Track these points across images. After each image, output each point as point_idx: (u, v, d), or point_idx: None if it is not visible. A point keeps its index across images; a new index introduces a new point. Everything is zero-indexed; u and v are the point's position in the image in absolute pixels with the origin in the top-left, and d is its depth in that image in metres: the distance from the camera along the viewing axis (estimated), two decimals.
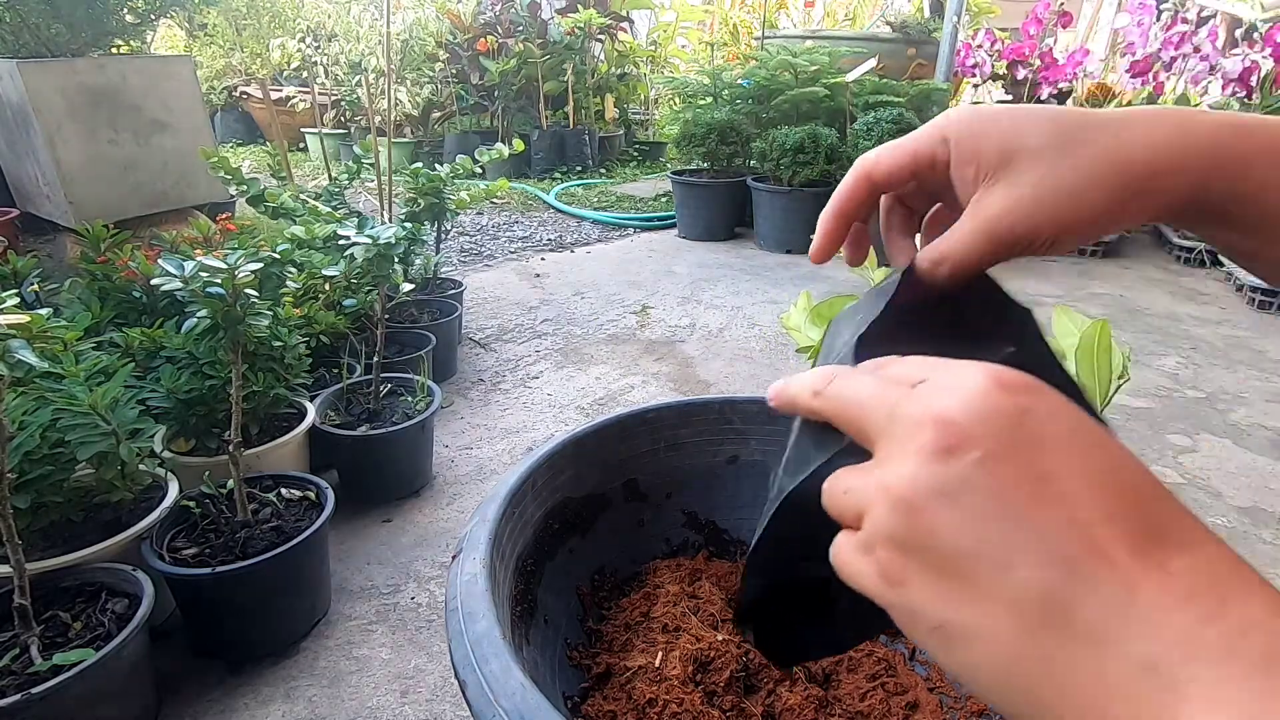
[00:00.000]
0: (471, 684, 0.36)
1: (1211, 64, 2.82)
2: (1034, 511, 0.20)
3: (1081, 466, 0.20)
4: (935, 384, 0.23)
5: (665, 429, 0.68)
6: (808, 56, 3.19)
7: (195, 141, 2.09)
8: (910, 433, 0.22)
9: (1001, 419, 0.21)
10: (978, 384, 0.22)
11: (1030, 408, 0.21)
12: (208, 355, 1.12)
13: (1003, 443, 0.21)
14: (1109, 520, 0.19)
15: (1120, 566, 0.19)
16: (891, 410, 0.23)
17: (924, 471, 0.21)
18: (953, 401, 0.22)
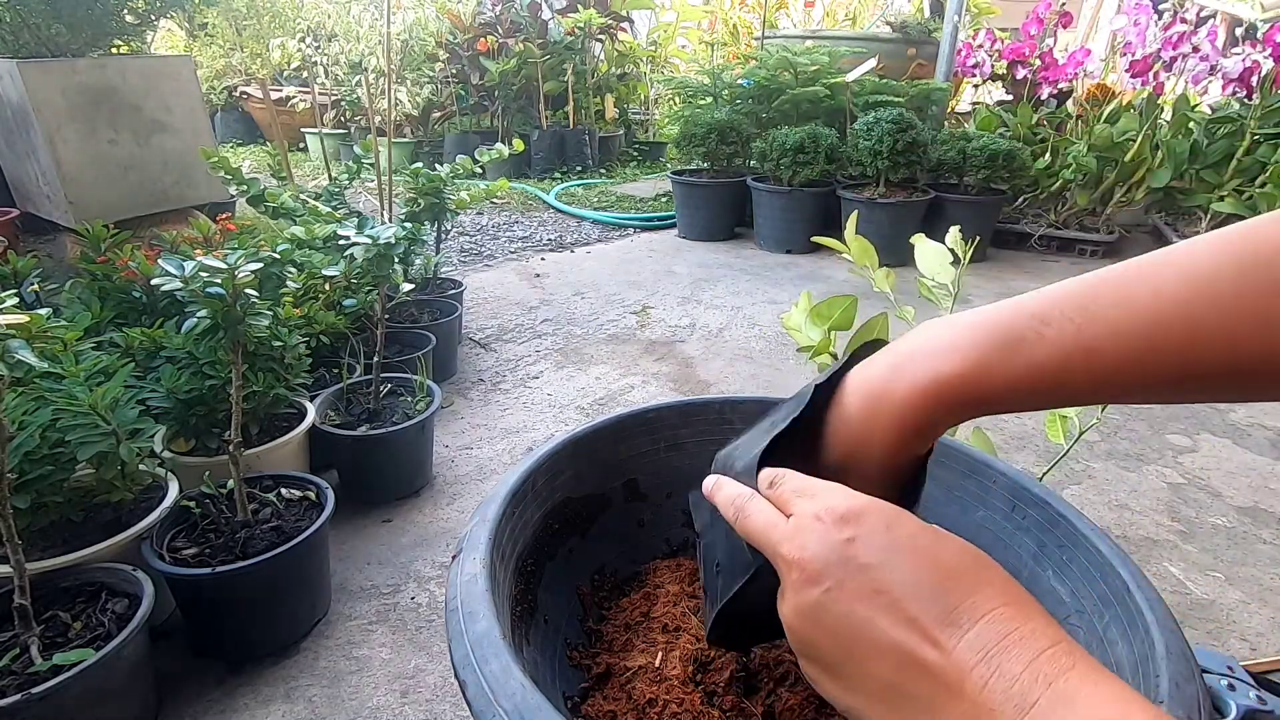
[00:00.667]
0: (471, 684, 0.36)
1: (1211, 64, 2.82)
2: (873, 619, 0.28)
3: (898, 577, 0.28)
4: (796, 523, 0.32)
5: (665, 429, 0.68)
6: (808, 56, 3.19)
7: (195, 141, 2.09)
8: (785, 570, 0.31)
9: (837, 554, 0.29)
10: (819, 527, 0.30)
11: (854, 537, 0.29)
12: (208, 355, 1.12)
13: (840, 573, 0.29)
14: (923, 614, 0.27)
15: (943, 645, 0.26)
16: (774, 551, 0.32)
17: (797, 604, 0.30)
18: (806, 542, 0.30)
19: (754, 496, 0.36)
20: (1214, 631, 1.11)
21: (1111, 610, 0.41)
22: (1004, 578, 0.28)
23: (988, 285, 2.73)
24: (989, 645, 0.25)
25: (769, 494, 0.35)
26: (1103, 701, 0.23)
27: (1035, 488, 0.57)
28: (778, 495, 0.35)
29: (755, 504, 0.35)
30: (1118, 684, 0.24)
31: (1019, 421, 1.73)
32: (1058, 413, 0.80)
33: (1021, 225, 3.21)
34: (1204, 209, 3.05)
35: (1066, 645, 0.25)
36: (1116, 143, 3.02)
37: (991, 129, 3.22)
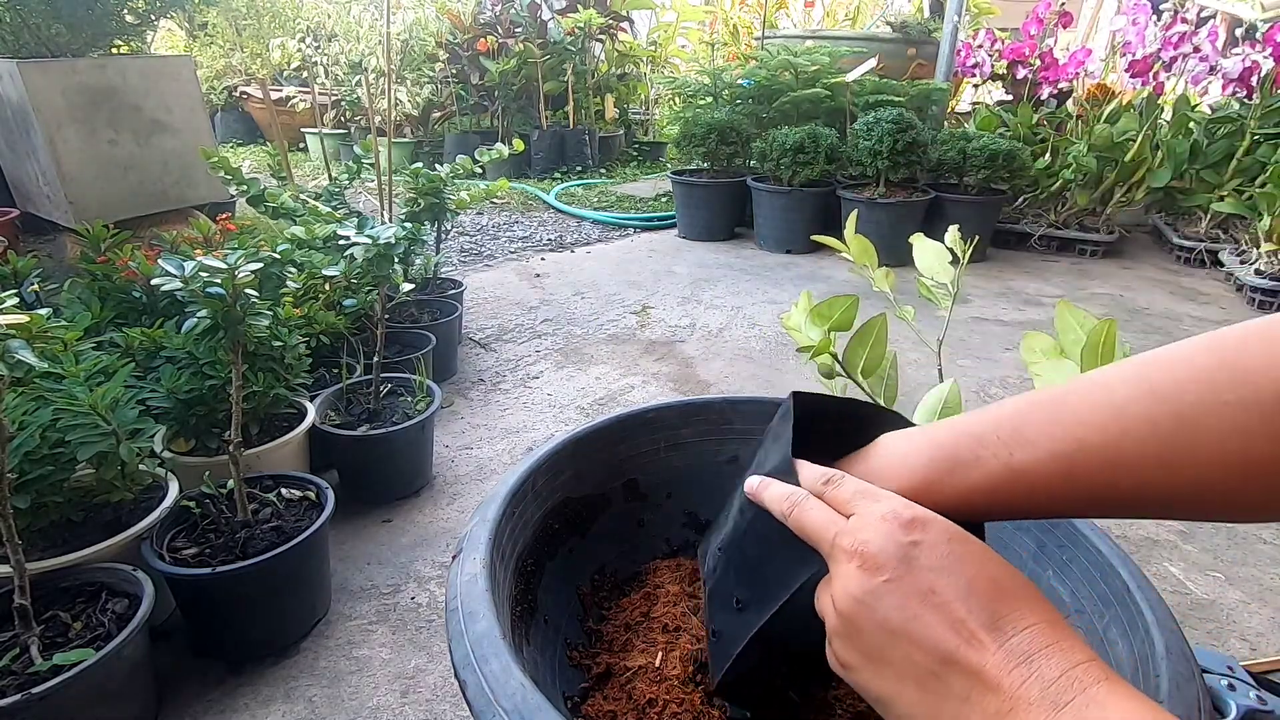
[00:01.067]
0: (472, 684, 0.36)
1: (1211, 64, 2.82)
2: (924, 614, 0.30)
3: (953, 583, 0.30)
4: (860, 520, 0.34)
5: (665, 429, 0.68)
6: (808, 57, 3.19)
7: (195, 141, 2.09)
8: (843, 560, 0.33)
9: (900, 552, 0.32)
10: (885, 526, 0.32)
11: (919, 541, 0.32)
12: (208, 355, 1.12)
13: (901, 570, 0.31)
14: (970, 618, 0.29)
15: (986, 646, 0.28)
16: (833, 541, 0.34)
17: (852, 589, 0.32)
18: (870, 538, 0.32)
19: (809, 495, 0.38)
20: (1214, 631, 1.11)
21: (1111, 610, 0.41)
22: (1046, 602, 0.31)
23: (987, 285, 2.73)
24: (1029, 651, 0.28)
25: (826, 492, 0.37)
26: (1133, 712, 0.25)
27: None
28: (835, 495, 0.37)
29: (811, 501, 0.37)
30: (1149, 703, 0.26)
31: None
32: None
33: (1021, 225, 3.21)
34: (1204, 209, 3.05)
35: (1101, 663, 0.27)
36: (1116, 143, 3.03)
37: (991, 129, 3.22)
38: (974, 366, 2.03)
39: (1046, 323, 2.35)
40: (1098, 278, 2.85)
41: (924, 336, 1.01)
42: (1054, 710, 0.26)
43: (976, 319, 2.39)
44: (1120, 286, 2.74)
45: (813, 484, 0.38)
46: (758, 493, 0.40)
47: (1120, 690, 0.26)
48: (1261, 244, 2.62)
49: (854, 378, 0.81)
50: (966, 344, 2.18)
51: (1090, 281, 2.81)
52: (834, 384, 0.86)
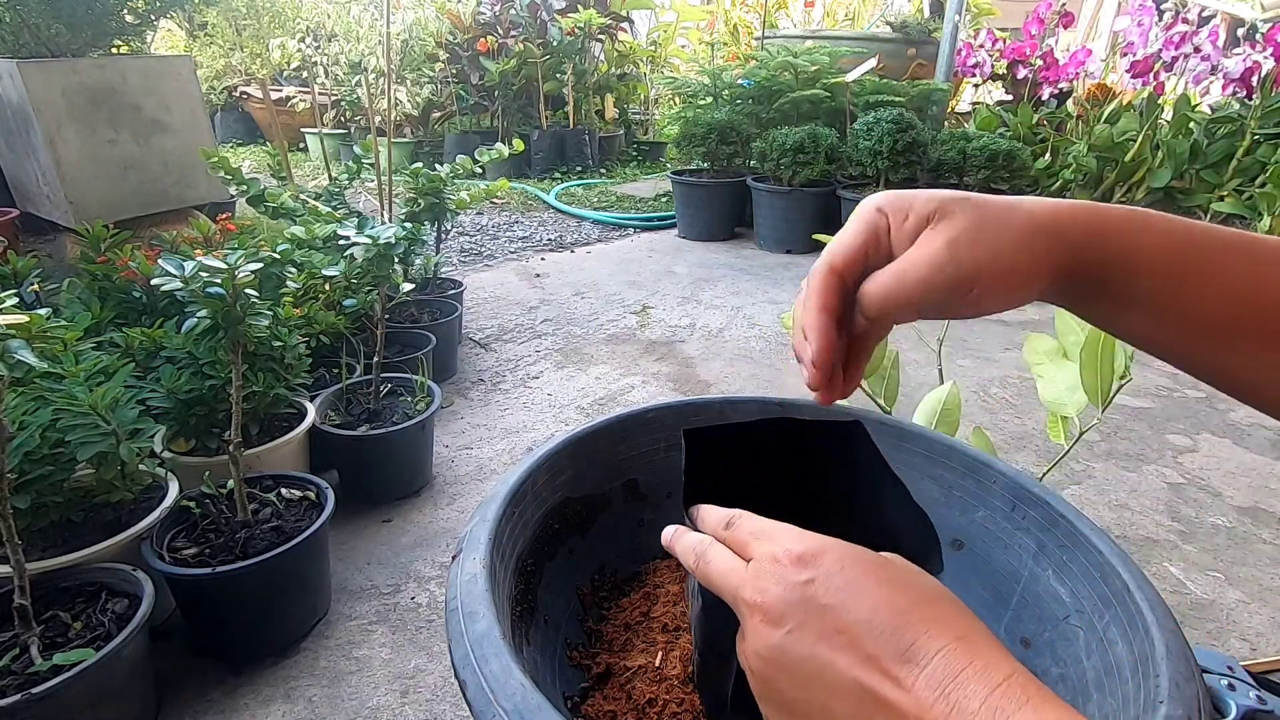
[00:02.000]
0: (472, 684, 0.36)
1: (1213, 64, 2.82)
2: (833, 659, 0.28)
3: (855, 617, 0.29)
4: (756, 566, 0.32)
5: (665, 429, 0.68)
6: (808, 57, 3.19)
7: (195, 141, 2.09)
8: (748, 613, 0.32)
9: (797, 595, 0.30)
10: (778, 570, 0.31)
11: (813, 578, 0.30)
12: (208, 355, 1.12)
13: (801, 615, 0.30)
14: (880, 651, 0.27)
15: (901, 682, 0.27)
16: (735, 596, 0.33)
17: (759, 646, 0.31)
18: (767, 586, 0.31)
19: (713, 544, 0.36)
20: (1214, 631, 1.11)
21: (1111, 610, 0.41)
22: (956, 609, 0.29)
23: None
24: (945, 681, 0.26)
25: (726, 536, 0.36)
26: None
27: (1035, 487, 0.57)
28: (735, 538, 0.35)
29: (715, 550, 0.36)
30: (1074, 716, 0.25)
31: (1019, 421, 1.73)
32: (1058, 413, 0.80)
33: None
34: (1204, 209, 3.05)
35: (1021, 678, 0.26)
36: (1117, 143, 3.03)
37: (991, 129, 3.22)
38: (974, 366, 2.03)
39: (1047, 323, 2.35)
40: None
41: (924, 336, 1.01)
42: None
43: (976, 318, 2.39)
44: None
45: (715, 529, 0.37)
46: (671, 546, 0.39)
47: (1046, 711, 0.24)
48: None
49: None
50: (966, 343, 2.18)
51: None
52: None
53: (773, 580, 0.31)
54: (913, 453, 0.58)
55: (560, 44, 4.69)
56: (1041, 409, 0.92)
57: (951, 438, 0.57)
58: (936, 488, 0.56)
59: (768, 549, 0.32)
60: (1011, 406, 1.81)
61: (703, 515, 0.39)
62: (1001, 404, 1.82)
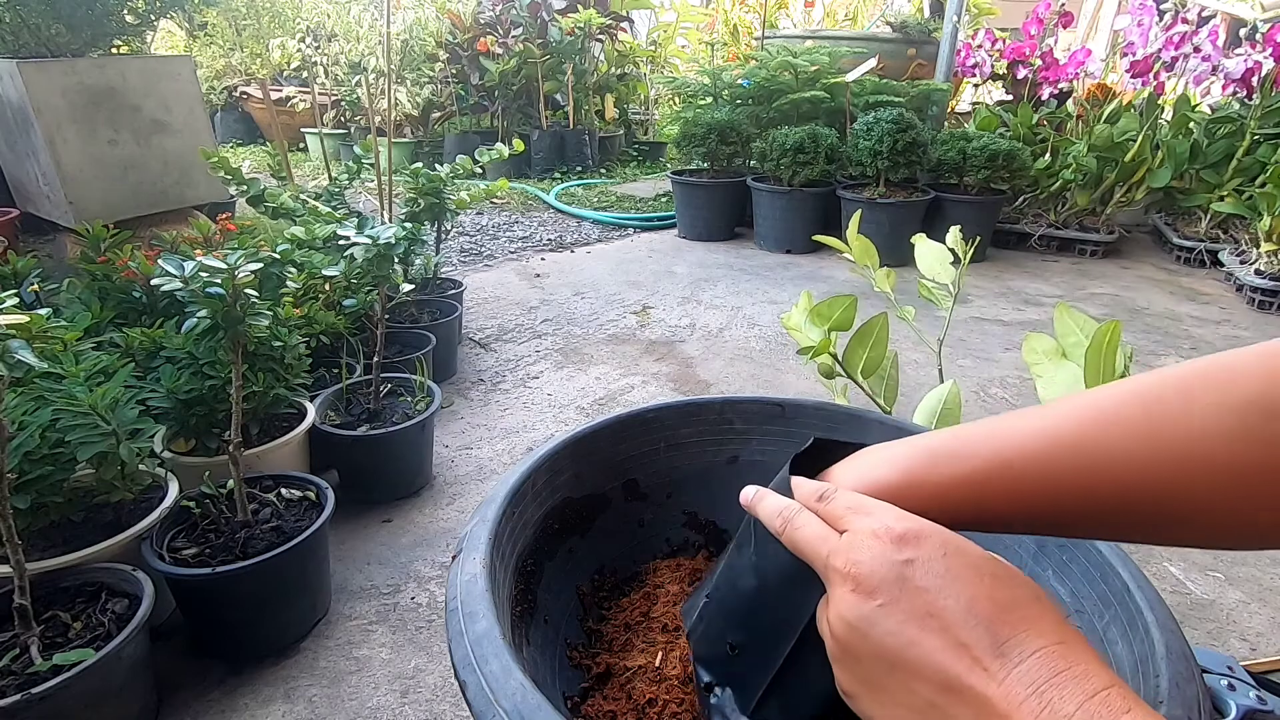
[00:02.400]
0: (472, 684, 0.36)
1: (1213, 64, 2.82)
2: (922, 640, 0.28)
3: (952, 603, 0.28)
4: (852, 538, 0.32)
5: (665, 429, 0.68)
6: (808, 57, 3.19)
7: (195, 141, 2.09)
8: (837, 581, 0.32)
9: (894, 572, 0.30)
10: (877, 544, 0.31)
11: (913, 558, 0.30)
12: (208, 355, 1.12)
13: (896, 591, 0.29)
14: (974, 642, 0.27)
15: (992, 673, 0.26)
16: (826, 561, 0.32)
17: (847, 614, 0.30)
18: (863, 558, 0.31)
19: (802, 509, 0.36)
20: (1214, 631, 1.11)
21: (1111, 610, 0.41)
22: (1058, 616, 0.29)
23: (988, 285, 2.73)
24: (1040, 680, 0.26)
25: (819, 508, 0.36)
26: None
27: None
28: (829, 510, 0.35)
29: (805, 516, 0.35)
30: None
31: None
32: None
33: (1021, 225, 3.21)
34: (1204, 209, 3.05)
35: (1121, 690, 0.25)
36: (1117, 143, 3.03)
37: (991, 129, 3.22)
38: (974, 366, 2.03)
39: (1046, 323, 2.35)
40: (1097, 278, 2.85)
41: (924, 336, 1.01)
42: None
43: (976, 319, 2.39)
44: (1120, 286, 2.74)
45: (807, 498, 0.37)
46: (753, 504, 0.39)
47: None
48: (1261, 244, 2.62)
49: (854, 378, 0.81)
50: (966, 344, 2.18)
51: (1090, 281, 2.81)
52: (834, 384, 0.86)
53: (869, 553, 0.31)
54: None
55: (560, 44, 4.69)
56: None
57: None
58: None
59: (867, 523, 0.32)
60: (1011, 406, 1.81)
61: (796, 484, 0.38)
62: (1002, 404, 1.82)
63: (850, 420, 0.61)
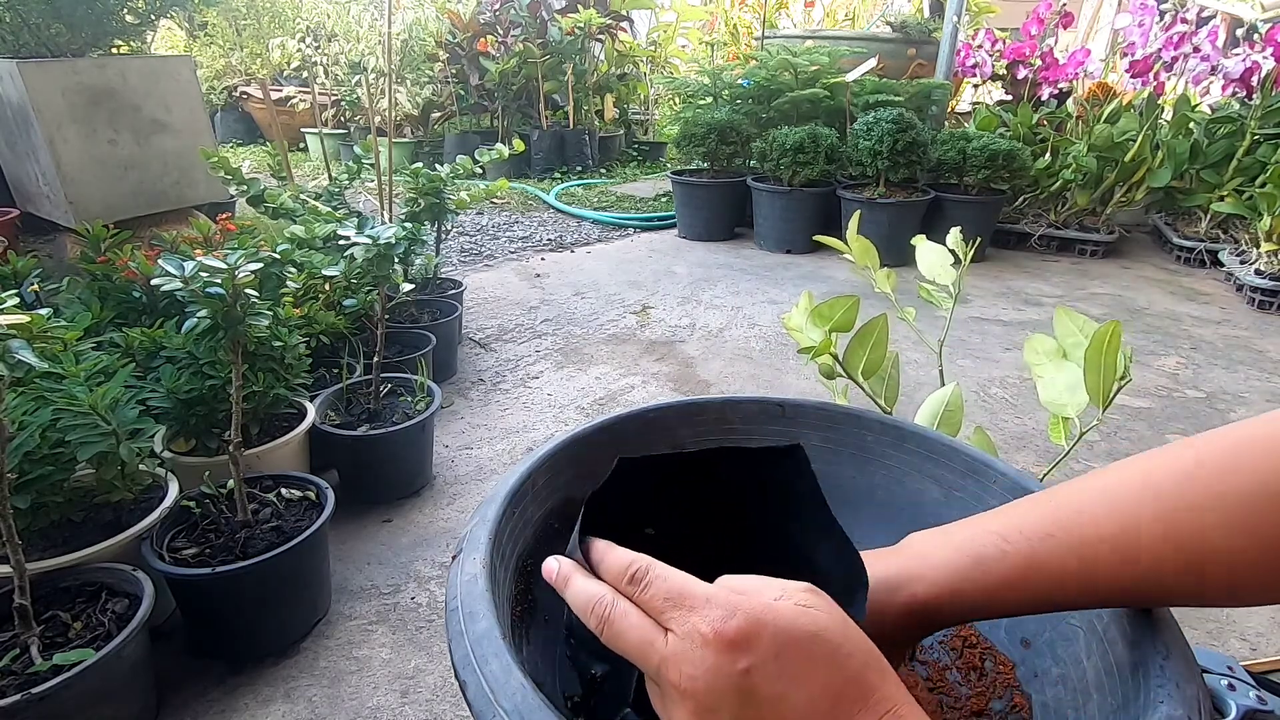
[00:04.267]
0: (472, 684, 0.36)
1: (1212, 64, 2.82)
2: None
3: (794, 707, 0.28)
4: (680, 646, 0.30)
5: (665, 429, 0.68)
6: (808, 57, 3.19)
7: (195, 141, 2.09)
8: (674, 698, 0.30)
9: (732, 686, 0.28)
10: (710, 657, 0.29)
11: (750, 667, 0.28)
12: (208, 355, 1.12)
13: (738, 705, 0.28)
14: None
15: None
16: (657, 670, 0.30)
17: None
18: (698, 674, 0.29)
19: (617, 601, 0.33)
20: (1214, 631, 1.11)
21: (1111, 610, 0.41)
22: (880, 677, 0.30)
23: (988, 285, 2.73)
24: None
25: (634, 595, 0.33)
26: None
27: (1036, 488, 0.57)
28: (646, 600, 0.32)
29: (622, 613, 0.32)
30: None
31: (1019, 421, 1.73)
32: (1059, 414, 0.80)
33: (1021, 225, 3.21)
34: (1204, 209, 3.05)
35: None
36: (1117, 143, 3.03)
37: (991, 129, 3.22)
38: (974, 367, 2.03)
39: (1046, 323, 2.35)
40: (1098, 278, 2.85)
41: (924, 337, 1.01)
42: None
43: (976, 319, 2.39)
44: (1120, 286, 2.75)
45: (617, 580, 0.34)
46: (559, 587, 0.36)
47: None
48: (1261, 244, 2.62)
49: (854, 378, 0.81)
50: (967, 344, 2.18)
51: (1090, 281, 2.81)
52: (834, 384, 0.86)
53: (703, 667, 0.29)
54: (913, 453, 0.58)
55: (560, 44, 4.69)
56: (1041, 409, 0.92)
57: (951, 438, 0.57)
58: (937, 488, 0.56)
59: (693, 625, 0.30)
60: (1012, 406, 1.81)
61: (601, 557, 0.35)
62: (1002, 404, 1.82)
63: (850, 420, 0.61)
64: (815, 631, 0.30)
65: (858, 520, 0.50)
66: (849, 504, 0.58)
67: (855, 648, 0.30)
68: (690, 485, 0.46)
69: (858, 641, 0.30)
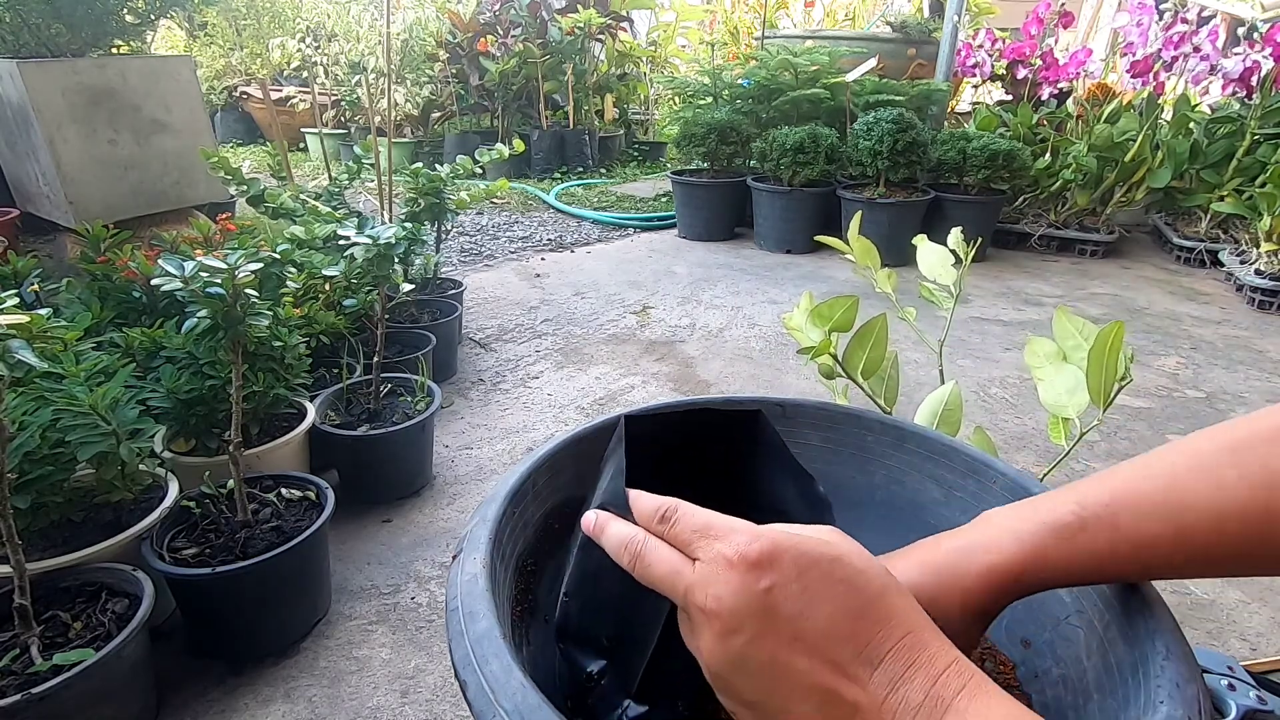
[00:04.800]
0: (472, 684, 0.36)
1: (1212, 64, 2.82)
2: (793, 663, 0.30)
3: (814, 623, 0.30)
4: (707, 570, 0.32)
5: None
6: (808, 56, 3.19)
7: (195, 141, 2.09)
8: (700, 623, 0.32)
9: (755, 604, 0.30)
10: (734, 577, 0.30)
11: (772, 585, 0.30)
12: (208, 355, 1.12)
13: (760, 623, 0.30)
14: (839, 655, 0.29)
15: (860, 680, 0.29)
16: (685, 598, 0.32)
17: (717, 651, 0.31)
18: (722, 593, 0.30)
19: (649, 539, 0.35)
20: (1214, 631, 1.11)
21: (1112, 610, 0.41)
22: (903, 601, 0.31)
23: (988, 285, 2.73)
24: (896, 677, 0.29)
25: (664, 533, 0.34)
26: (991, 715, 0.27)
27: (1036, 488, 0.57)
28: (676, 535, 0.34)
29: (652, 548, 0.34)
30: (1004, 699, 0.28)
31: (1019, 421, 1.73)
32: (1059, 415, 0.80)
33: (1021, 225, 3.21)
34: (1204, 209, 3.05)
35: (959, 665, 0.29)
36: (1116, 143, 3.03)
37: (991, 129, 3.22)
38: (974, 367, 2.03)
39: (1046, 323, 2.35)
40: (1098, 278, 2.85)
41: (924, 337, 1.01)
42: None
43: (976, 319, 2.39)
44: (1120, 286, 2.75)
45: (649, 521, 0.35)
46: (596, 535, 0.38)
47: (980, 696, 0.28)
48: (1261, 244, 2.62)
49: (854, 378, 0.81)
50: (966, 344, 2.18)
51: (1090, 281, 2.81)
52: (834, 384, 0.86)
53: (727, 587, 0.30)
54: (912, 453, 0.58)
55: (560, 44, 4.69)
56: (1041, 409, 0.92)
57: (951, 438, 0.57)
58: (937, 488, 0.56)
59: (718, 550, 0.31)
60: (1012, 406, 1.81)
61: (634, 503, 0.37)
62: (1001, 404, 1.82)
63: (850, 420, 0.61)
64: (836, 556, 0.31)
65: (858, 520, 0.50)
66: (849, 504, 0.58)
67: (876, 574, 0.31)
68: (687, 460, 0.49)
69: (879, 570, 0.31)
